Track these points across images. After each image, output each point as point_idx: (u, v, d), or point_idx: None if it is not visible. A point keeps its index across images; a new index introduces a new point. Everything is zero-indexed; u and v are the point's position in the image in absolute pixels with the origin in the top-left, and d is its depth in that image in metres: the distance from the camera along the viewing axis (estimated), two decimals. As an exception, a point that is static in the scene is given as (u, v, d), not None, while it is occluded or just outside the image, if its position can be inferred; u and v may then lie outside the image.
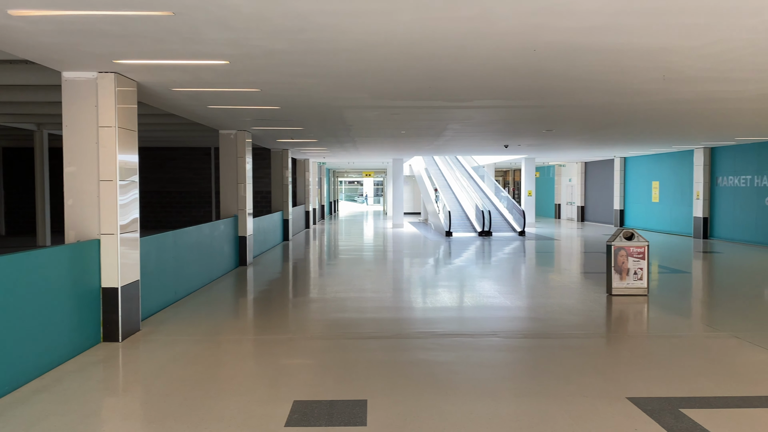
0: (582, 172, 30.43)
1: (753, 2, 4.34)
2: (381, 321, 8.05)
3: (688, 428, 4.32)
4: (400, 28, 4.96)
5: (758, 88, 8.00)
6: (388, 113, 10.50)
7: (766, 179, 17.41)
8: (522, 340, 7.02)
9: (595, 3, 4.33)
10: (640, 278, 9.51)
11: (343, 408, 4.78)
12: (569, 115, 10.98)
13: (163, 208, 22.17)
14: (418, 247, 18.24)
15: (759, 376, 5.66)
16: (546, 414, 4.65)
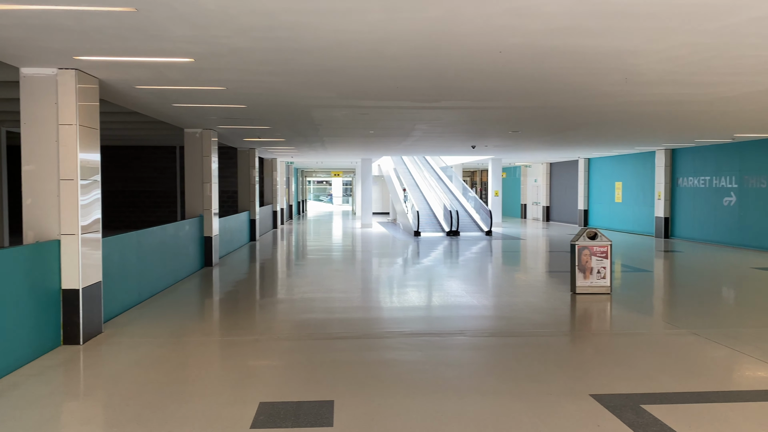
0: (547, 173, 30.88)
1: (714, 7, 4.45)
2: (349, 321, 8.04)
3: (648, 423, 4.42)
4: (369, 27, 4.96)
5: (717, 92, 8.22)
6: (357, 113, 10.49)
7: (725, 180, 17.92)
8: (488, 339, 7.09)
9: (559, 5, 4.40)
10: (603, 277, 9.69)
11: (309, 409, 4.75)
12: (535, 117, 11.12)
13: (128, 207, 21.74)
14: (387, 247, 18.26)
15: (716, 371, 5.81)
16: (511, 412, 4.70)
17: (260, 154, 21.96)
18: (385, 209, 39.40)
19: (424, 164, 31.49)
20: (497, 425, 4.44)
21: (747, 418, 4.53)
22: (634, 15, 4.63)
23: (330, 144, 17.63)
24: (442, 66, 6.49)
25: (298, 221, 31.69)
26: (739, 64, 6.42)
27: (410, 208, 24.31)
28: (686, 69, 6.68)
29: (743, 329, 7.43)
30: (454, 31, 5.08)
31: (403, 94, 8.41)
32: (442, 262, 14.78)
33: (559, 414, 4.64)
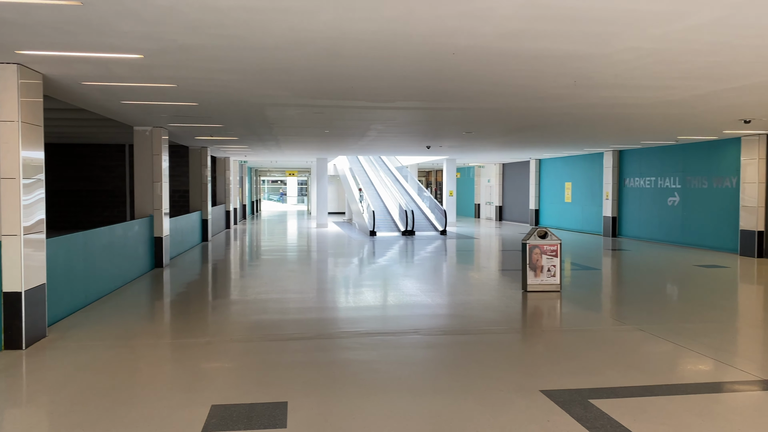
0: (500, 174, 31.39)
1: (657, 14, 4.62)
2: (303, 322, 7.99)
3: (596, 417, 4.55)
4: (323, 26, 4.95)
5: (662, 95, 8.52)
6: (312, 112, 10.43)
7: (669, 181, 18.57)
8: (442, 337, 7.16)
9: (509, 9, 4.48)
10: (553, 275, 9.92)
11: (262, 411, 4.71)
12: (488, 118, 11.29)
13: (74, 207, 21.04)
14: (343, 247, 18.23)
15: (660, 366, 6.02)
16: (463, 409, 4.76)
17: (213, 152, 21.61)
18: (341, 209, 39.32)
19: (379, 164, 31.56)
20: (450, 422, 4.49)
21: (688, 410, 4.72)
22: (582, 20, 4.76)
23: (284, 143, 17.48)
24: (397, 66, 6.53)
25: (252, 221, 31.30)
26: (682, 69, 6.67)
27: (366, 207, 24.33)
28: (632, 73, 6.89)
29: (686, 325, 7.72)
30: (409, 32, 5.11)
31: (358, 94, 8.41)
32: (398, 261, 14.85)
33: (510, 410, 4.73)
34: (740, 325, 7.96)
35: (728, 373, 5.73)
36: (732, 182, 15.93)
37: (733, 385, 5.38)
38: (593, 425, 4.39)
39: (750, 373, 5.70)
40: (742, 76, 7.08)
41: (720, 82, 7.43)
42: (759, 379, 5.51)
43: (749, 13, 4.58)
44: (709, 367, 5.93)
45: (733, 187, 15.89)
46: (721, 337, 7.13)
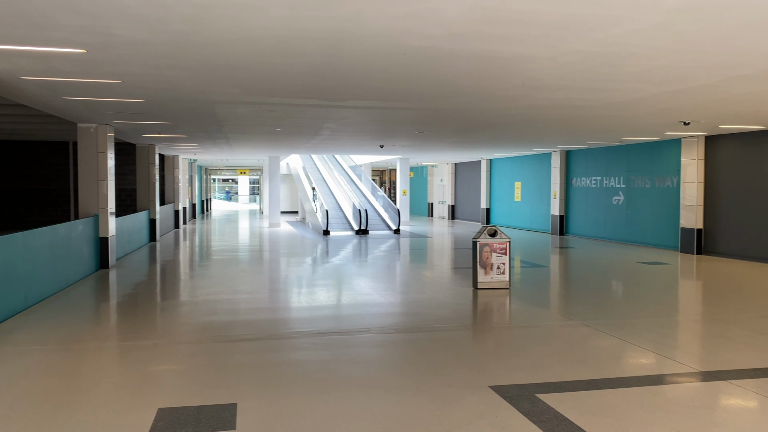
0: (452, 173, 31.75)
1: (599, 18, 4.75)
2: (254, 322, 7.91)
3: (542, 412, 4.66)
4: (272, 24, 4.90)
5: (606, 97, 8.78)
6: (263, 110, 10.32)
7: (614, 180, 19.15)
8: (394, 335, 7.20)
9: (457, 11, 4.54)
10: (502, 272, 10.10)
11: (211, 413, 4.63)
12: (440, 118, 11.41)
13: (15, 207, 20.21)
14: (296, 247, 18.10)
15: (605, 360, 6.21)
16: (414, 406, 4.80)
17: (161, 150, 21.12)
18: (294, 208, 39.02)
19: (333, 163, 31.46)
20: (401, 419, 4.53)
21: (631, 403, 4.88)
22: (528, 23, 4.86)
23: (235, 141, 17.24)
24: (349, 65, 6.52)
25: (202, 221, 30.74)
26: (624, 72, 6.90)
27: (319, 206, 24.23)
28: (577, 75, 7.08)
29: (630, 320, 7.99)
30: (359, 31, 5.12)
31: (310, 92, 8.37)
32: (351, 260, 14.84)
33: (460, 406, 4.80)
34: (680, 320, 8.28)
35: (668, 366, 5.95)
36: (673, 182, 16.55)
37: (673, 378, 5.60)
38: (540, 419, 4.50)
39: (689, 365, 5.93)
40: (681, 80, 7.36)
41: (661, 85, 7.71)
42: (697, 371, 5.75)
43: (684, 20, 4.77)
44: (650, 361, 6.15)
45: (674, 186, 16.51)
46: (662, 331, 7.40)
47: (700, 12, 4.56)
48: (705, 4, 4.38)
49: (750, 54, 5.94)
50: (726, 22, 4.84)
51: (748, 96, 8.58)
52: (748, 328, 7.45)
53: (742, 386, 5.28)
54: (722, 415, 4.69)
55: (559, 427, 4.36)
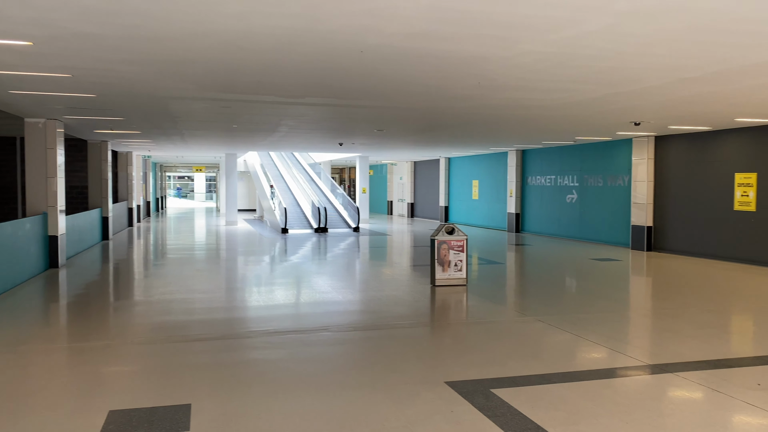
0: (412, 171, 31.91)
1: (554, 20, 4.85)
2: (210, 322, 7.79)
3: (497, 406, 4.73)
4: (226, 19, 4.83)
5: (560, 98, 8.96)
6: (219, 106, 10.17)
7: (568, 179, 19.57)
8: (352, 333, 7.20)
9: (414, 9, 4.56)
10: (460, 269, 10.21)
11: (164, 414, 4.55)
12: (399, 117, 11.45)
13: (-44, 204, 19.38)
14: (253, 245, 17.90)
15: (558, 355, 6.35)
16: (371, 403, 4.82)
17: (114, 147, 20.58)
18: (252, 206, 38.59)
19: (292, 161, 31.21)
20: (357, 416, 4.53)
21: (582, 396, 5.00)
22: (485, 23, 4.92)
23: (191, 138, 16.93)
24: (306, 62, 6.48)
25: (157, 219, 30.11)
26: (578, 73, 7.05)
27: (278, 204, 24.01)
28: (532, 76, 7.21)
29: (582, 315, 8.18)
30: (316, 28, 5.09)
31: (266, 89, 8.29)
32: (310, 259, 14.77)
33: (416, 402, 4.83)
34: (631, 315, 8.53)
35: (619, 359, 6.13)
36: (624, 181, 17.01)
37: (623, 371, 5.76)
38: (494, 414, 4.57)
39: (638, 359, 6.12)
40: (632, 81, 7.57)
41: (612, 86, 7.91)
42: (646, 364, 5.93)
43: (635, 23, 4.90)
44: (601, 355, 6.32)
45: (625, 185, 16.98)
46: (614, 326, 7.61)
47: (649, 16, 4.70)
48: (654, 9, 4.52)
49: (696, 57, 6.15)
50: (674, 26, 5.00)
51: (695, 98, 8.89)
52: (694, 322, 7.73)
53: (687, 378, 5.47)
54: (669, 406, 4.85)
55: (512, 421, 4.44)
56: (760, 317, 8.24)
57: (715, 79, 7.29)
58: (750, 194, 13.24)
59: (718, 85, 7.72)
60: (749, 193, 13.26)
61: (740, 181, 13.47)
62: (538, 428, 4.30)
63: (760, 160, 13.01)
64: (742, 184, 13.42)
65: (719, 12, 4.58)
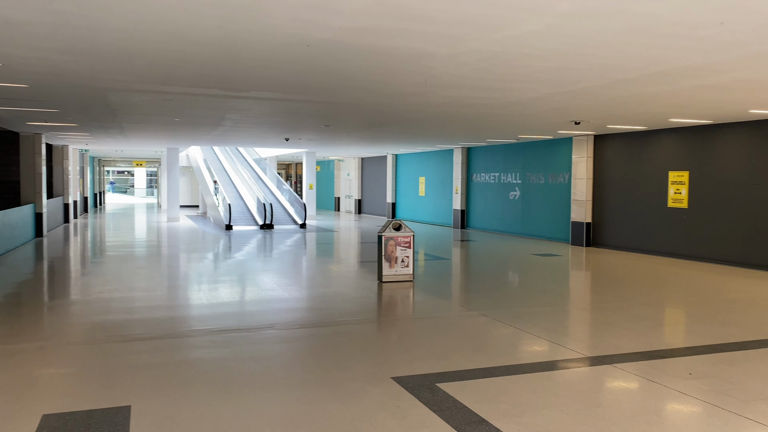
0: (359, 167, 31.90)
1: (496, 19, 4.92)
2: (151, 321, 7.58)
3: (442, 401, 4.79)
4: (166, 9, 4.69)
5: (503, 96, 9.12)
6: (160, 99, 9.88)
7: (511, 176, 19.97)
8: (298, 331, 7.14)
9: (361, 5, 4.54)
10: (407, 265, 10.28)
11: (102, 417, 4.39)
12: (345, 112, 11.41)
13: None
14: (196, 242, 17.52)
15: (501, 348, 6.47)
16: (317, 400, 4.79)
17: (48, 140, 19.72)
18: (195, 202, 37.74)
19: (236, 156, 30.68)
20: (303, 414, 4.50)
21: (525, 388, 5.12)
22: (429, 20, 4.95)
23: (130, 131, 16.40)
24: (250, 56, 6.37)
25: (95, 215, 29.07)
26: (520, 72, 7.19)
27: (222, 200, 23.56)
28: (476, 74, 7.31)
29: (525, 309, 8.37)
30: (261, 21, 5.01)
31: (210, 82, 8.10)
32: (255, 256, 14.56)
33: (363, 398, 4.84)
34: (570, 308, 8.78)
35: (559, 352, 6.30)
36: (565, 178, 17.49)
37: (564, 363, 5.92)
38: (439, 408, 4.62)
39: (578, 351, 6.30)
40: (573, 81, 7.78)
41: (554, 86, 8.11)
42: (585, 356, 6.12)
43: (575, 24, 5.03)
44: (543, 348, 6.48)
45: (565, 182, 17.46)
46: (554, 319, 7.82)
47: (588, 17, 4.84)
48: (593, 11, 4.65)
49: (633, 59, 6.37)
50: (612, 28, 5.15)
51: (631, 98, 9.21)
52: (630, 315, 8.02)
53: (624, 369, 5.67)
54: (607, 397, 5.02)
55: (457, 414, 4.50)
56: (691, 309, 8.63)
57: (651, 80, 7.58)
58: (683, 192, 13.84)
59: (654, 86, 8.02)
60: (682, 191, 13.85)
61: (674, 179, 14.06)
62: (483, 421, 4.38)
63: (693, 159, 13.62)
64: (676, 182, 14.01)
65: (656, 15, 4.76)
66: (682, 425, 4.41)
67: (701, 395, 4.97)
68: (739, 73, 7.02)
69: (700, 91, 8.38)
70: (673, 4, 4.46)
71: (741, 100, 9.36)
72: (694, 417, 4.57)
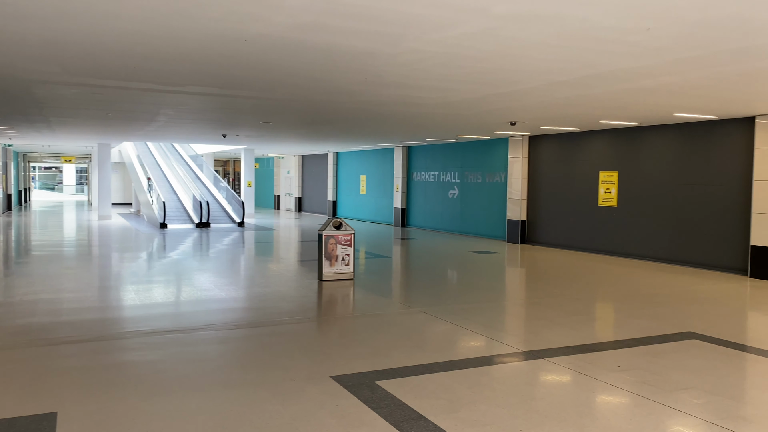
0: (299, 165, 31.62)
1: (436, 19, 4.96)
2: (80, 323, 7.27)
3: (381, 398, 4.80)
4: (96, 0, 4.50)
5: (443, 96, 9.23)
6: (90, 92, 9.48)
7: (450, 175, 20.26)
8: (235, 331, 7.01)
9: (301, 0, 4.49)
10: (347, 264, 10.26)
11: (26, 425, 4.18)
12: (285, 109, 11.27)
13: None
14: (129, 241, 16.94)
15: (440, 345, 6.55)
16: (255, 401, 4.72)
17: (-33, 133, 18.62)
18: (128, 200, 36.48)
19: (171, 152, 29.83)
20: (240, 416, 4.42)
21: (462, 384, 5.20)
22: (370, 18, 4.95)
23: (58, 126, 15.68)
24: (186, 49, 6.20)
25: (20, 212, 27.66)
26: (459, 73, 7.29)
27: (156, 198, 22.86)
28: (416, 74, 7.36)
29: (463, 305, 8.51)
30: (196, 14, 4.87)
31: (143, 76, 7.83)
32: (191, 255, 14.21)
33: (301, 398, 4.80)
34: (507, 304, 8.99)
35: (496, 347, 6.43)
36: (501, 177, 17.89)
37: (500, 358, 6.05)
38: (378, 405, 4.63)
39: (513, 346, 6.46)
40: (510, 83, 7.95)
41: (492, 87, 8.27)
42: (521, 351, 6.27)
43: (511, 27, 5.14)
44: (480, 343, 6.60)
45: (502, 182, 17.86)
46: (491, 315, 7.98)
47: (524, 20, 4.95)
48: (528, 14, 4.76)
49: (567, 61, 6.56)
50: (547, 32, 5.29)
51: (564, 100, 9.50)
52: (563, 310, 8.28)
53: (557, 363, 5.85)
54: (540, 390, 5.16)
55: (396, 411, 4.52)
56: (620, 304, 8.99)
57: (583, 83, 7.84)
58: (612, 191, 14.39)
59: (586, 88, 8.30)
60: (611, 190, 14.41)
61: (604, 179, 14.61)
62: (421, 417, 4.42)
63: (622, 160, 14.18)
64: (606, 181, 14.56)
65: (587, 21, 4.92)
66: (610, 416, 4.59)
67: (628, 386, 5.18)
68: (665, 77, 7.36)
69: (628, 94, 8.73)
70: (604, 10, 4.62)
71: (666, 104, 9.82)
72: (622, 407, 4.76)
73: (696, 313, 8.21)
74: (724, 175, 11.96)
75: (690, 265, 12.55)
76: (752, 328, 7.81)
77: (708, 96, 8.84)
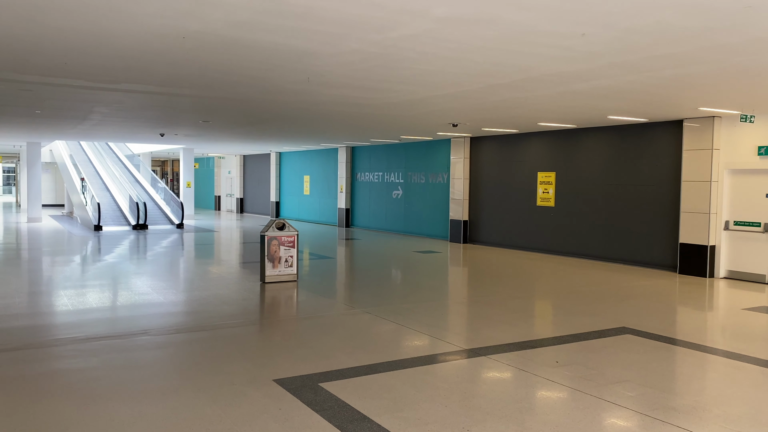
0: (241, 165, 31.10)
1: (376, 20, 4.97)
2: (7, 330, 6.92)
3: (325, 400, 4.77)
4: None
5: (385, 97, 9.26)
6: (17, 89, 9.03)
7: (394, 176, 20.37)
8: (174, 336, 6.82)
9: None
10: (290, 265, 10.16)
11: (-55, 441, 3.95)
12: (225, 108, 11.05)
13: None
14: (61, 244, 16.24)
15: (383, 345, 6.57)
16: (194, 407, 4.60)
17: None
18: (60, 201, 34.99)
19: (106, 151, 28.80)
20: (178, 423, 4.30)
21: (405, 383, 5.22)
22: (310, 17, 4.91)
23: (-17, 123, 14.88)
24: (121, 45, 5.98)
25: (-59, 215, 26.11)
26: (401, 74, 7.33)
27: (90, 199, 22.01)
28: (358, 74, 7.36)
29: (406, 305, 8.56)
30: (131, 9, 4.71)
31: (74, 72, 7.52)
32: (128, 258, 13.75)
33: (243, 402, 4.71)
34: (449, 303, 9.10)
35: (439, 346, 6.50)
36: (444, 178, 18.11)
37: (443, 356, 6.12)
38: (322, 407, 4.60)
39: (456, 344, 6.54)
40: (451, 85, 8.05)
41: (432, 88, 8.35)
42: (463, 349, 6.36)
43: (451, 29, 5.21)
44: (423, 342, 6.66)
45: (444, 182, 18.08)
46: (434, 314, 8.06)
47: (464, 23, 5.02)
48: (467, 17, 4.83)
49: (505, 65, 6.70)
50: (486, 35, 5.39)
51: (504, 103, 9.70)
52: (504, 308, 8.45)
53: (498, 360, 5.96)
54: (482, 387, 5.24)
55: (339, 413, 4.50)
56: (558, 302, 9.24)
57: (521, 85, 8.02)
58: (550, 191, 14.80)
59: (524, 91, 8.49)
60: (549, 191, 14.81)
61: (542, 180, 15.00)
62: (365, 418, 4.42)
63: (559, 161, 14.60)
64: (544, 182, 14.96)
65: (525, 25, 5.03)
66: (549, 410, 4.71)
67: (566, 381, 5.33)
68: (598, 81, 7.62)
69: (564, 97, 8.99)
70: (541, 15, 4.74)
71: (600, 107, 10.17)
72: (560, 402, 4.90)
73: (629, 308, 8.54)
74: (654, 176, 12.49)
75: (623, 262, 13.04)
76: (681, 322, 8.17)
77: (639, 100, 9.21)
